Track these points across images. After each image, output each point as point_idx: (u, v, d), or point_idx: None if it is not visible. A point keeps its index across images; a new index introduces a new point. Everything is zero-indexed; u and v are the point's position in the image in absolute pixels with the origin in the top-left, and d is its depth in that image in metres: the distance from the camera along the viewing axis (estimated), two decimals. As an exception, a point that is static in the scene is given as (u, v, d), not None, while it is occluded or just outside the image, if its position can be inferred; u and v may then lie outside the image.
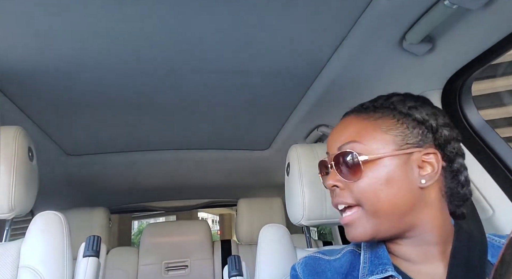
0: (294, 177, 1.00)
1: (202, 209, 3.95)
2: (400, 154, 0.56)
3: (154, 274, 1.95)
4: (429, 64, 0.90)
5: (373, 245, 0.63)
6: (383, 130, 0.58)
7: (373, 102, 0.64)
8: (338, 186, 0.59)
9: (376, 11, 0.76)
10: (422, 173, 0.57)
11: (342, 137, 0.60)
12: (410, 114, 0.59)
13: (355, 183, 0.57)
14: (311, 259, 0.69)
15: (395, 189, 0.55)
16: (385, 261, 0.59)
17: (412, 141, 0.57)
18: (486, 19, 0.72)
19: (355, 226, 0.58)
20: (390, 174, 0.56)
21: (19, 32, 0.81)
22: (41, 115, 1.26)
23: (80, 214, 1.91)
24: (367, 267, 0.61)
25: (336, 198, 0.60)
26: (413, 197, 0.56)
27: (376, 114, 0.60)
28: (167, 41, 0.87)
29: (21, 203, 0.93)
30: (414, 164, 0.57)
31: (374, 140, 0.58)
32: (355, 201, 0.57)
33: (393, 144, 0.57)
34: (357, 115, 0.62)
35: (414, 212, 0.56)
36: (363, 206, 0.57)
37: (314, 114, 1.33)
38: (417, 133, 0.58)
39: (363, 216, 0.57)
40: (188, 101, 1.25)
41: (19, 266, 0.88)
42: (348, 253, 0.68)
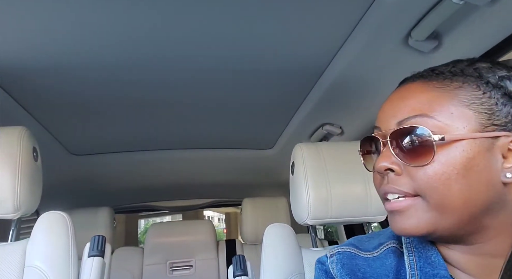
0: (299, 176, 0.99)
1: (225, 207, 3.97)
2: (484, 136, 0.43)
3: (159, 274, 1.96)
4: (436, 61, 0.88)
5: (421, 244, 0.51)
6: (465, 103, 0.44)
7: (450, 67, 0.49)
8: (394, 170, 0.46)
9: (381, 7, 0.75)
10: (507, 165, 0.44)
11: (404, 108, 0.46)
12: (501, 87, 0.45)
13: (420, 168, 0.44)
14: (346, 257, 0.56)
15: (472, 181, 0.43)
16: (443, 273, 0.47)
17: (499, 122, 0.44)
18: (494, 15, 0.71)
19: (408, 215, 0.45)
20: (469, 162, 0.43)
21: (23, 33, 0.81)
22: (45, 115, 1.26)
23: (85, 214, 1.92)
24: (418, 277, 0.48)
25: (388, 186, 0.46)
26: (493, 193, 0.44)
27: (455, 82, 0.46)
28: (171, 41, 0.87)
29: (26, 203, 0.93)
30: (498, 152, 0.44)
31: (451, 116, 0.44)
32: (416, 190, 0.44)
33: (476, 123, 0.44)
34: (425, 82, 0.48)
35: (489, 212, 0.44)
36: (426, 197, 0.44)
37: (318, 113, 1.33)
38: (507, 113, 0.44)
39: (422, 206, 0.44)
40: (192, 100, 1.24)
41: (25, 266, 0.88)
42: (390, 252, 0.54)
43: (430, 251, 0.49)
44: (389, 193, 0.47)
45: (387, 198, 0.47)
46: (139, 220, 4.54)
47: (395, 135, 0.46)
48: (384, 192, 0.47)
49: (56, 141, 1.48)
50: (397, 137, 0.46)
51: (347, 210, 0.97)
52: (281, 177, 2.00)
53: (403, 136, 0.45)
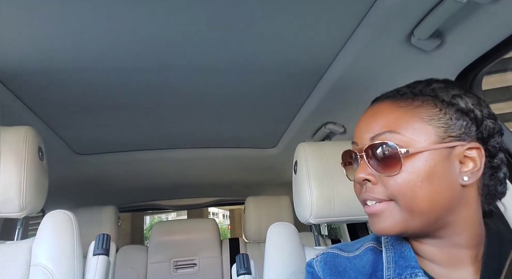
0: (302, 175, 1.00)
1: (228, 205, 3.98)
2: (442, 147, 0.50)
3: (163, 272, 1.97)
4: (438, 60, 0.89)
5: (396, 242, 0.58)
6: (424, 120, 0.51)
7: (411, 88, 0.56)
8: (370, 180, 0.53)
9: (383, 6, 0.75)
10: (464, 169, 0.51)
11: (375, 126, 0.53)
12: (453, 104, 0.52)
13: (391, 177, 0.50)
14: (329, 256, 0.64)
15: (435, 186, 0.49)
16: (413, 264, 0.54)
17: (455, 134, 0.51)
18: (496, 13, 0.71)
19: (384, 217, 0.52)
20: (431, 169, 0.49)
21: (29, 35, 0.82)
22: (50, 115, 1.27)
23: (89, 213, 1.93)
24: (392, 269, 0.55)
25: (366, 193, 0.53)
26: (453, 195, 0.51)
27: (416, 102, 0.53)
28: (174, 41, 0.87)
29: (32, 202, 0.94)
30: (455, 159, 0.51)
31: (414, 131, 0.51)
32: (389, 196, 0.51)
33: (435, 136, 0.51)
34: (392, 102, 0.55)
35: (451, 211, 0.51)
36: (397, 202, 0.51)
37: (321, 112, 1.33)
38: (460, 126, 0.52)
39: (395, 209, 0.51)
40: (196, 100, 1.25)
41: (31, 264, 0.89)
42: (369, 250, 0.62)
43: (404, 247, 0.56)
44: (368, 199, 0.54)
45: (366, 203, 0.54)
46: (145, 217, 4.58)
47: (369, 149, 0.53)
48: (363, 199, 0.55)
49: (61, 141, 1.49)
50: (371, 151, 0.53)
51: (350, 209, 0.97)
52: (284, 176, 2.00)
53: (376, 150, 0.52)
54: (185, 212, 4.82)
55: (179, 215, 5.69)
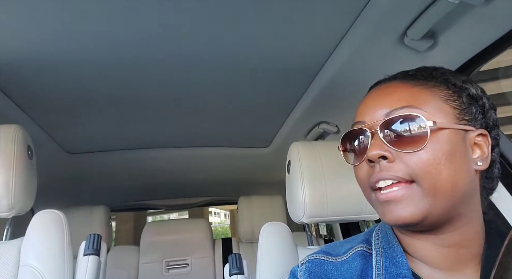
0: (295, 175, 1.00)
1: (221, 205, 3.97)
2: (460, 128, 0.48)
3: (155, 272, 1.95)
4: (431, 60, 0.89)
5: (388, 245, 0.55)
6: (442, 99, 0.49)
7: (420, 71, 0.54)
8: (387, 157, 0.47)
9: (377, 7, 0.75)
10: (473, 156, 0.49)
11: (390, 102, 0.50)
12: (465, 88, 0.51)
13: (413, 154, 0.46)
14: (314, 264, 0.59)
15: (457, 166, 0.46)
16: (405, 273, 0.50)
17: (467, 118, 0.49)
18: (488, 15, 0.72)
19: (405, 203, 0.46)
20: (454, 148, 0.47)
21: (17, 30, 0.80)
22: (40, 113, 1.25)
23: (80, 213, 1.91)
24: (382, 277, 0.51)
25: (381, 173, 0.48)
26: (470, 180, 0.48)
27: (430, 82, 0.51)
28: (168, 40, 0.87)
29: (20, 201, 0.92)
30: (468, 143, 0.49)
31: (434, 108, 0.48)
32: (410, 175, 0.46)
33: (453, 116, 0.49)
34: (404, 81, 0.52)
35: (466, 198, 0.48)
36: (420, 181, 0.46)
37: (314, 112, 1.33)
38: (471, 111, 0.50)
39: (418, 193, 0.46)
40: (188, 99, 1.24)
41: (20, 265, 0.87)
42: (357, 255, 0.58)
43: (396, 252, 0.53)
44: (382, 179, 0.48)
45: (377, 187, 0.49)
46: (147, 217, 4.55)
47: (385, 124, 0.48)
48: (377, 179, 0.48)
49: (51, 139, 1.47)
50: (388, 126, 0.48)
51: (343, 209, 0.97)
52: (277, 175, 2.00)
53: (395, 125, 0.48)
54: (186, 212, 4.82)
55: (181, 215, 5.72)
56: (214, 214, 10.15)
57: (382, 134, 0.48)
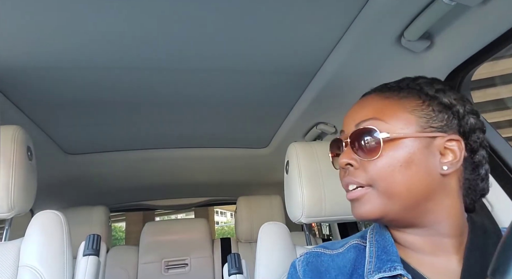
0: (293, 175, 1.00)
1: (220, 205, 4.01)
2: (423, 136, 0.53)
3: (154, 272, 1.96)
4: (428, 61, 0.90)
5: (380, 237, 0.60)
6: (407, 110, 0.55)
7: (398, 83, 0.60)
8: (352, 165, 0.55)
9: (374, 8, 0.75)
10: (443, 160, 0.53)
11: (361, 114, 0.57)
12: (436, 97, 0.56)
13: (371, 162, 0.53)
14: (312, 255, 0.65)
15: (413, 172, 0.52)
16: (394, 258, 0.55)
17: (436, 125, 0.54)
18: (485, 16, 0.72)
19: (363, 201, 0.54)
20: (410, 156, 0.52)
21: (18, 33, 0.80)
22: (39, 114, 1.25)
23: (79, 213, 1.91)
24: (374, 263, 0.57)
25: (347, 178, 0.56)
26: (431, 183, 0.53)
27: (401, 93, 0.57)
28: (166, 40, 0.87)
29: (20, 202, 0.93)
30: (435, 149, 0.53)
31: (397, 119, 0.54)
32: (368, 181, 0.54)
33: (417, 125, 0.54)
34: (379, 94, 0.59)
35: (431, 199, 0.53)
36: (376, 186, 0.53)
37: (312, 112, 1.33)
38: (442, 118, 0.55)
39: (373, 194, 0.53)
40: (186, 99, 1.24)
41: (19, 265, 0.88)
42: (352, 248, 0.63)
43: (387, 243, 0.58)
44: (349, 183, 0.56)
45: (348, 188, 0.56)
46: (155, 218, 4.56)
47: (353, 135, 0.56)
48: (345, 183, 0.57)
49: (51, 140, 1.48)
50: (355, 137, 0.56)
51: (341, 209, 0.98)
52: (275, 176, 2.01)
53: (359, 135, 0.55)
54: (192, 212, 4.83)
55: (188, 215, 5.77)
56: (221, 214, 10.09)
57: (351, 144, 0.56)
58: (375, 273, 0.55)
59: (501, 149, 0.88)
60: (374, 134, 0.53)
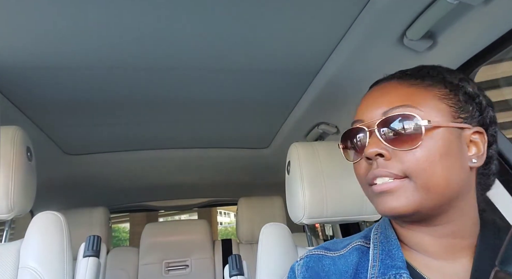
0: (295, 176, 1.00)
1: (221, 206, 4.02)
2: (456, 126, 0.50)
3: (155, 273, 1.95)
4: (430, 60, 0.89)
5: (385, 239, 0.56)
6: (438, 97, 0.51)
7: (418, 71, 0.55)
8: (384, 155, 0.49)
9: (376, 7, 0.75)
10: (468, 154, 0.51)
11: (388, 101, 0.52)
12: (462, 87, 0.53)
13: (408, 152, 0.48)
14: (313, 259, 0.61)
15: (451, 164, 0.48)
16: (399, 264, 0.52)
17: (464, 116, 0.51)
18: (487, 15, 0.72)
19: (398, 195, 0.48)
20: (448, 146, 0.48)
21: (17, 31, 0.80)
22: (39, 114, 1.25)
23: (79, 214, 1.90)
24: (377, 267, 0.53)
25: (378, 170, 0.50)
26: (465, 177, 0.50)
27: (426, 81, 0.53)
28: (166, 40, 0.87)
29: (20, 203, 0.92)
30: (464, 141, 0.50)
31: (430, 107, 0.50)
32: (405, 172, 0.48)
33: (449, 114, 0.50)
34: (401, 81, 0.54)
35: (461, 193, 0.50)
36: (414, 178, 0.48)
37: (314, 112, 1.33)
38: (467, 109, 0.52)
39: (410, 187, 0.48)
40: (187, 100, 1.24)
41: (19, 266, 0.87)
42: (355, 250, 0.60)
43: (393, 246, 0.54)
44: (379, 176, 0.50)
45: (374, 183, 0.51)
46: (159, 219, 4.58)
47: (383, 123, 0.50)
48: (373, 176, 0.51)
49: (50, 141, 1.47)
50: (385, 125, 0.50)
51: (343, 209, 0.97)
52: (277, 176, 2.00)
53: (391, 123, 0.50)
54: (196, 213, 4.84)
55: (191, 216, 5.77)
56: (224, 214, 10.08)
57: (379, 133, 0.50)
58: None
59: (505, 150, 0.88)
60: (414, 121, 0.48)
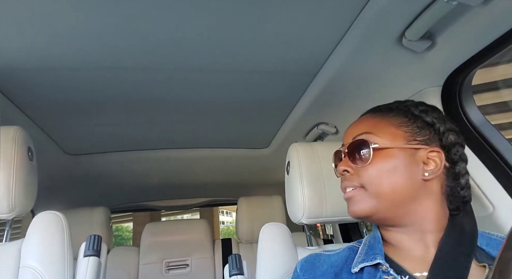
0: (294, 176, 1.00)
1: (221, 206, 4.03)
2: (408, 147, 0.63)
3: (155, 273, 1.96)
4: (429, 61, 0.90)
5: (374, 239, 0.68)
6: (395, 126, 0.66)
7: (389, 105, 0.72)
8: (349, 171, 0.66)
9: (375, 8, 0.75)
10: (426, 168, 0.63)
11: (357, 129, 0.68)
12: (420, 116, 0.67)
13: (364, 168, 0.64)
14: (312, 256, 0.74)
15: (397, 177, 0.62)
16: (377, 251, 0.65)
17: (420, 139, 0.64)
18: (486, 16, 0.72)
19: (356, 201, 0.65)
20: (396, 164, 0.62)
21: (17, 32, 0.80)
22: (40, 115, 1.25)
23: (80, 214, 1.91)
24: (361, 257, 0.66)
25: (345, 182, 0.67)
26: (414, 187, 0.62)
27: (390, 113, 0.68)
28: (167, 40, 0.87)
29: (21, 203, 0.93)
30: (419, 159, 0.63)
31: (386, 133, 0.65)
32: (361, 184, 0.64)
33: (403, 138, 0.64)
34: (372, 114, 0.71)
35: (415, 200, 0.62)
36: (367, 187, 0.64)
37: (313, 112, 1.33)
38: (425, 133, 0.65)
39: (364, 194, 0.64)
40: (187, 100, 1.24)
41: (20, 266, 0.88)
42: (347, 249, 0.73)
43: (376, 241, 0.67)
44: (346, 186, 0.67)
45: (346, 191, 0.67)
46: (162, 218, 4.59)
47: (350, 146, 0.67)
48: (343, 187, 0.68)
49: (51, 141, 1.48)
50: (351, 147, 0.67)
51: (342, 209, 0.97)
52: (276, 176, 2.01)
53: (354, 146, 0.66)
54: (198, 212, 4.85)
55: (193, 215, 5.77)
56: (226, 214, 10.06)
57: (349, 154, 0.67)
58: (359, 264, 0.65)
59: (504, 151, 0.88)
60: (366, 145, 0.64)
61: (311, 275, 0.70)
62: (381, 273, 0.61)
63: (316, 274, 0.70)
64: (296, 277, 0.73)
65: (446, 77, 0.94)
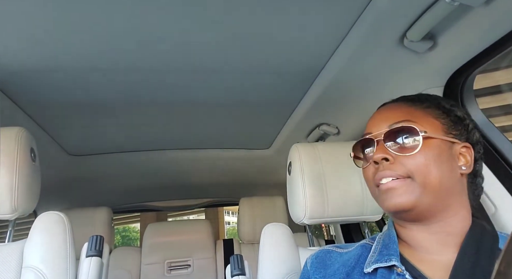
0: (296, 176, 1.00)
1: (223, 206, 4.03)
2: (448, 139, 0.61)
3: (157, 273, 1.96)
4: (431, 61, 0.90)
5: (388, 238, 0.66)
6: (433, 116, 0.63)
7: (418, 96, 0.68)
8: (388, 159, 0.60)
9: (377, 8, 0.75)
10: (459, 163, 0.62)
11: (393, 116, 0.64)
12: (453, 110, 0.65)
13: (409, 157, 0.59)
14: (323, 252, 0.72)
15: (443, 168, 0.59)
16: (392, 252, 0.62)
17: (454, 133, 0.63)
18: (488, 16, 0.72)
19: (401, 191, 0.59)
20: (441, 154, 0.60)
21: (20, 33, 0.81)
22: (43, 116, 1.26)
23: (83, 214, 1.91)
24: (375, 257, 0.63)
25: (383, 171, 0.61)
26: (455, 180, 0.60)
27: (424, 103, 0.65)
28: (168, 41, 0.87)
29: (24, 203, 0.93)
30: (454, 153, 0.62)
31: (427, 123, 0.62)
32: (406, 173, 0.59)
33: (442, 130, 0.62)
34: (404, 102, 0.67)
35: (454, 195, 0.60)
36: (414, 177, 0.59)
37: (315, 113, 1.33)
38: (457, 128, 0.63)
39: (411, 185, 0.58)
40: (189, 101, 1.25)
41: (23, 266, 0.88)
42: (360, 246, 0.70)
43: (391, 241, 0.64)
44: (384, 177, 0.61)
45: (380, 183, 0.61)
46: (168, 219, 4.61)
47: (388, 134, 0.62)
48: (380, 177, 0.61)
49: (54, 141, 1.48)
50: (389, 135, 0.62)
51: (344, 210, 0.97)
52: (278, 177, 2.01)
53: (396, 133, 0.61)
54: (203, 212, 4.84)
55: (199, 215, 5.78)
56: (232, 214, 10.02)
57: (385, 142, 0.61)
58: (373, 264, 0.62)
59: (506, 151, 0.88)
60: (414, 132, 0.60)
61: (321, 274, 0.68)
62: (396, 276, 0.58)
63: (326, 272, 0.68)
64: (306, 273, 0.71)
65: (448, 78, 0.94)
